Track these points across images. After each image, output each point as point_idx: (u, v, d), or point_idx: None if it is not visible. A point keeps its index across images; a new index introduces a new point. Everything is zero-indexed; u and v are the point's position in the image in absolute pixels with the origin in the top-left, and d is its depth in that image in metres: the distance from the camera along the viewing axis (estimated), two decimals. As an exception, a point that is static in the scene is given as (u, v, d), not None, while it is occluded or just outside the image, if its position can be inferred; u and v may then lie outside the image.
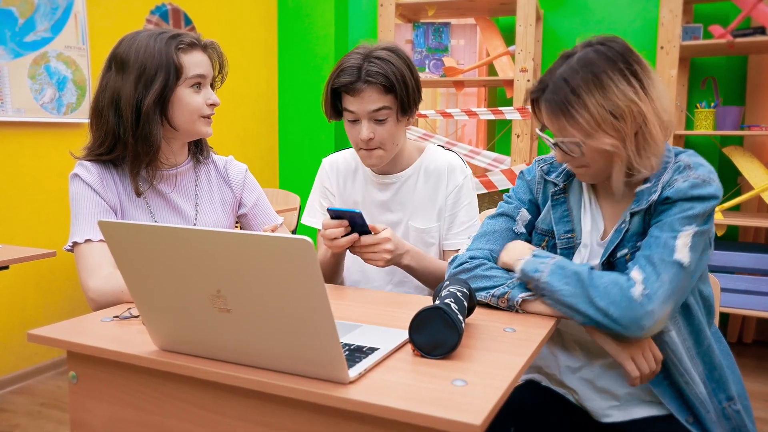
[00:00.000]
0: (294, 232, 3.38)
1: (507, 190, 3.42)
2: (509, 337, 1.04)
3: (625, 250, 1.16)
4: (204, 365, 0.91)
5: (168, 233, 0.83)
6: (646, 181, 1.16)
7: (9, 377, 2.78)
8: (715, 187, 1.10)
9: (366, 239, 1.33)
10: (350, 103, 1.42)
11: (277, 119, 4.29)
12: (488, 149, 3.73)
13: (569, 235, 1.26)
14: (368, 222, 1.33)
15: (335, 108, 1.47)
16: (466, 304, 1.02)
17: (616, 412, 1.21)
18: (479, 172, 3.36)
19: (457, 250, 1.52)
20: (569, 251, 1.26)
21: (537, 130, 1.24)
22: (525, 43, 3.21)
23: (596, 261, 1.21)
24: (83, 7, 2.91)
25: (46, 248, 2.06)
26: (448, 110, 3.39)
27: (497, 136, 3.85)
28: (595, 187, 1.26)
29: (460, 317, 0.95)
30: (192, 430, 0.95)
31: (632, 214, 1.15)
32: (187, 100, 1.37)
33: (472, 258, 1.25)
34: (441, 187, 1.54)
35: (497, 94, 3.97)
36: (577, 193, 1.28)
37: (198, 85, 1.39)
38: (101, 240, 1.32)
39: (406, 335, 0.97)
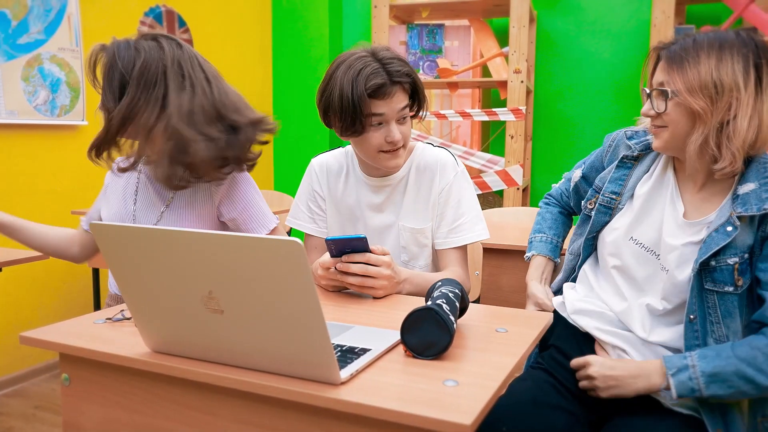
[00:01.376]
0: (289, 233, 3.38)
1: (501, 192, 3.44)
2: (501, 338, 1.04)
3: (736, 259, 1.12)
4: (196, 367, 0.91)
5: (159, 235, 0.84)
6: (744, 178, 1.15)
7: (3, 380, 2.78)
8: None
9: (364, 256, 1.27)
10: (379, 106, 1.38)
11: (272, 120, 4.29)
12: (482, 150, 3.74)
13: (613, 197, 1.30)
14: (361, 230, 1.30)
15: (359, 113, 1.38)
16: (458, 304, 1.03)
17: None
18: (474, 173, 3.37)
19: (446, 249, 1.52)
20: (607, 211, 1.31)
21: (641, 87, 1.27)
22: (518, 45, 3.22)
23: (676, 241, 1.19)
24: (77, 8, 2.91)
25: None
26: (442, 111, 3.40)
27: (491, 138, 3.86)
28: (676, 169, 1.26)
29: (452, 318, 0.95)
30: (184, 432, 0.95)
31: (739, 218, 1.12)
32: None
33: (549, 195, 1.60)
34: (434, 185, 1.52)
35: (491, 95, 3.98)
36: (646, 165, 1.30)
37: None
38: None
39: (398, 336, 0.97)
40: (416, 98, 1.46)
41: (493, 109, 3.30)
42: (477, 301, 1.86)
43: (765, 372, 1.06)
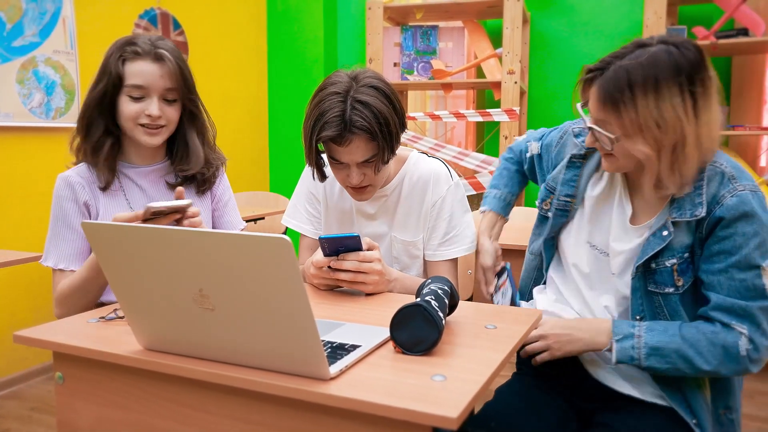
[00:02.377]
0: (284, 233, 3.38)
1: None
2: (490, 334, 1.05)
3: (674, 260, 1.14)
4: (188, 364, 0.92)
5: (150, 233, 0.85)
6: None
7: (-1, 382, 2.78)
8: (761, 194, 1.10)
9: (357, 255, 1.29)
10: (337, 152, 1.35)
11: (267, 122, 4.30)
12: (477, 151, 3.75)
13: (568, 200, 1.30)
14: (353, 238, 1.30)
15: (319, 155, 1.41)
16: (447, 301, 1.04)
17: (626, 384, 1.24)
18: (468, 174, 3.39)
19: (437, 261, 1.52)
20: (564, 213, 1.32)
21: (577, 106, 1.19)
22: (512, 46, 3.24)
23: (622, 246, 1.20)
24: (71, 11, 2.92)
25: (34, 252, 2.06)
26: (436, 112, 3.41)
27: (486, 138, 3.88)
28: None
29: (440, 314, 0.96)
30: (178, 429, 0.96)
31: (674, 223, 1.14)
32: (122, 108, 1.42)
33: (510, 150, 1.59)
34: (426, 198, 1.51)
35: (485, 96, 4.00)
36: (594, 162, 1.30)
37: (140, 95, 1.40)
38: (72, 270, 1.45)
39: (388, 333, 0.99)
40: (385, 144, 1.34)
41: (488, 110, 3.32)
42: (470, 299, 1.87)
43: (704, 356, 1.09)
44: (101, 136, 1.44)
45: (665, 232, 1.14)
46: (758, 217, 1.08)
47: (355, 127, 1.29)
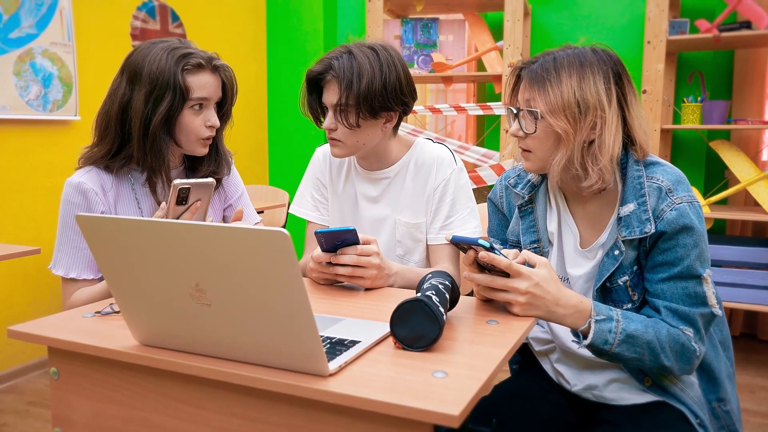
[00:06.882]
0: (284, 227, 3.37)
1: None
2: (492, 330, 1.04)
3: (626, 277, 1.17)
4: (185, 360, 0.90)
5: (145, 227, 0.83)
6: (624, 198, 1.16)
7: (-4, 376, 2.77)
8: (698, 204, 1.13)
9: (355, 249, 1.28)
10: (323, 95, 1.45)
11: (267, 115, 4.28)
12: (477, 145, 3.73)
13: (535, 245, 1.29)
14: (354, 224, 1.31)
15: (311, 104, 1.49)
16: (447, 296, 1.03)
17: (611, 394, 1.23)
18: (469, 168, 3.37)
19: (438, 245, 1.53)
20: None
21: (504, 104, 1.25)
22: (513, 39, 3.22)
23: (578, 271, 1.22)
24: (68, 3, 2.89)
25: (32, 245, 2.05)
26: (437, 106, 3.39)
27: (486, 132, 3.86)
28: (564, 193, 1.28)
29: (441, 309, 0.95)
30: (174, 425, 0.95)
31: (624, 241, 1.15)
32: (187, 122, 1.39)
33: None
34: (430, 180, 1.53)
35: (486, 89, 3.97)
36: (542, 202, 1.30)
37: (199, 106, 1.40)
38: (84, 279, 1.39)
39: (388, 328, 0.97)
40: (362, 101, 1.38)
41: (488, 104, 3.30)
42: (471, 294, 1.86)
43: (666, 351, 1.10)
44: (166, 154, 1.39)
45: (617, 252, 1.16)
46: (696, 229, 1.11)
47: (332, 70, 1.38)
